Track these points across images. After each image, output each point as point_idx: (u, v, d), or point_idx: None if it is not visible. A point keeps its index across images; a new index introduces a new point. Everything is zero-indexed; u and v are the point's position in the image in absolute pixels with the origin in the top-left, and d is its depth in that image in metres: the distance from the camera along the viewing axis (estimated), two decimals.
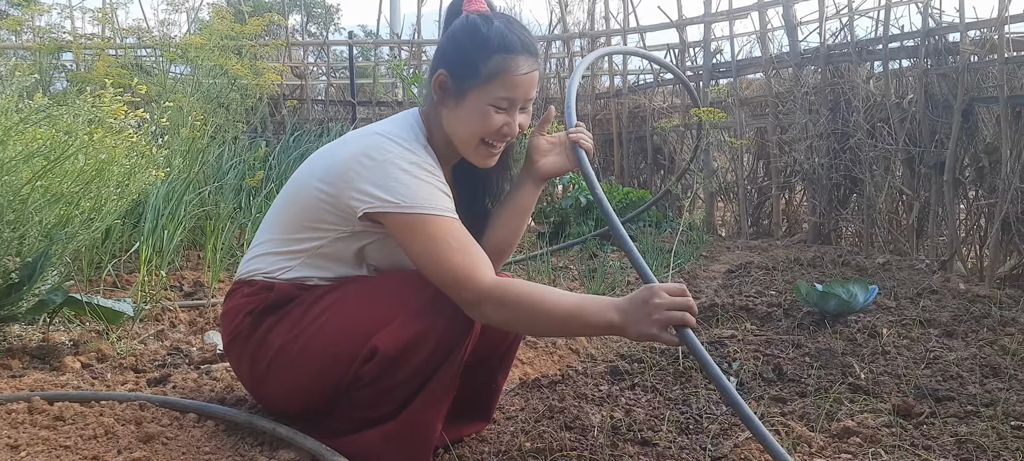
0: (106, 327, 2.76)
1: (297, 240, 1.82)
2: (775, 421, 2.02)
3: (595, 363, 2.70)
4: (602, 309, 1.61)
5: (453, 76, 1.77)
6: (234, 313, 1.86)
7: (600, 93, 8.26)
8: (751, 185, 6.91)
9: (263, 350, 1.81)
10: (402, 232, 1.70)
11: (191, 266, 4.02)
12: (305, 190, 1.82)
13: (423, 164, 1.74)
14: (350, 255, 1.82)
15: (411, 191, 1.68)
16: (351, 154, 1.77)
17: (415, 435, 1.76)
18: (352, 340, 1.72)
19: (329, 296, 1.79)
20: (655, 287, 1.58)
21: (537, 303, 1.64)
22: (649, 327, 1.56)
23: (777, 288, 4.06)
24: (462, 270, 1.66)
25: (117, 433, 1.81)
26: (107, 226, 2.74)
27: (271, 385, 1.85)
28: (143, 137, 2.73)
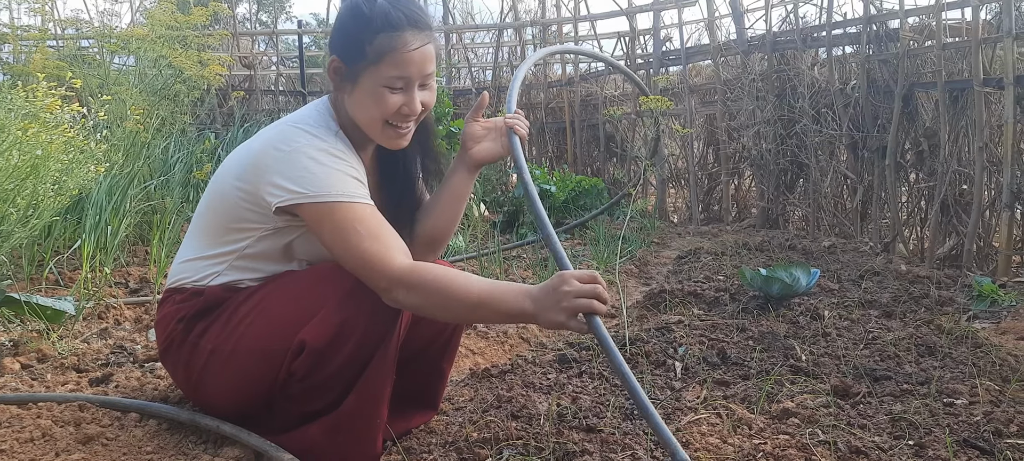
0: (47, 327, 2.70)
1: (223, 243, 1.81)
2: (718, 404, 2.06)
3: (545, 352, 2.73)
4: (515, 296, 1.60)
5: (344, 61, 1.75)
6: (166, 321, 1.85)
7: (553, 81, 8.29)
8: (701, 172, 7.01)
9: (197, 355, 1.80)
10: (314, 222, 1.70)
11: (138, 262, 3.95)
12: (224, 191, 1.80)
13: (332, 150, 1.72)
14: (278, 252, 1.81)
15: (319, 180, 1.67)
16: (261, 148, 1.76)
17: (357, 426, 1.76)
18: (280, 336, 1.72)
19: (256, 295, 1.78)
20: (566, 275, 1.57)
21: (448, 288, 1.63)
22: (558, 314, 1.55)
23: (725, 273, 4.13)
24: (372, 256, 1.65)
25: (55, 435, 1.78)
26: (46, 223, 2.67)
27: (207, 389, 1.84)
28: (81, 132, 2.66)
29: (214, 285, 1.80)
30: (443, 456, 1.81)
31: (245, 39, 8.50)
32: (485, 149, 1.99)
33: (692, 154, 6.95)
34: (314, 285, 1.75)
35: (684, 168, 7.20)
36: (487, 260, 4.44)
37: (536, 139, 8.50)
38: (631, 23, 7.21)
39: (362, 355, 1.71)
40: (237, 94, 7.03)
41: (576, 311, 1.54)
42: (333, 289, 1.71)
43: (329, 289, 1.72)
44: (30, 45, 5.08)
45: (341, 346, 1.69)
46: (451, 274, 1.67)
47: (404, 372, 1.81)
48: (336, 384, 1.73)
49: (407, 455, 1.88)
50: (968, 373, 2.33)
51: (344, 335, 1.68)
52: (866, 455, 1.73)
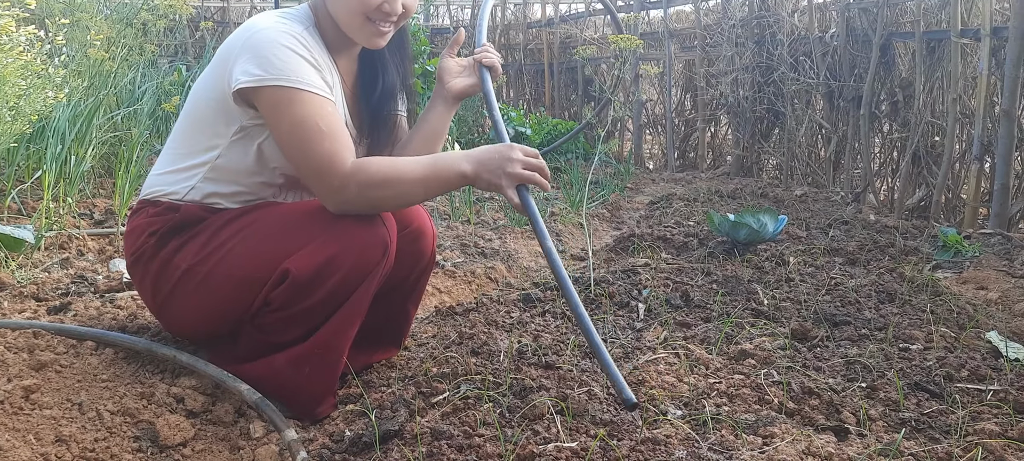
0: (6, 255, 2.66)
1: (194, 154, 1.78)
2: (677, 345, 2.07)
3: (510, 292, 2.73)
4: (454, 162, 1.69)
5: None
6: (138, 232, 1.81)
7: (532, 22, 8.18)
8: (678, 118, 6.98)
9: (168, 272, 1.77)
10: (271, 110, 1.66)
11: (105, 194, 3.89)
12: (195, 97, 1.79)
13: (300, 38, 1.69)
14: (250, 160, 1.77)
15: (281, 62, 1.64)
16: (228, 41, 1.74)
17: (324, 359, 1.75)
18: (263, 264, 1.69)
19: (240, 220, 1.75)
20: (513, 146, 1.69)
21: (395, 175, 1.67)
22: (500, 179, 1.66)
23: (696, 219, 4.15)
24: (328, 157, 1.64)
25: (8, 361, 1.76)
26: (5, 150, 2.61)
27: (175, 308, 1.81)
28: (38, 56, 2.59)
29: (191, 201, 1.77)
30: (401, 389, 1.82)
31: None
32: (462, 83, 2.00)
33: (669, 100, 6.92)
34: (303, 218, 1.73)
35: (661, 115, 7.18)
36: (459, 199, 4.42)
37: (514, 81, 8.42)
38: None
39: (342, 292, 1.70)
40: (206, 24, 6.88)
41: (518, 181, 1.67)
42: (326, 223, 1.69)
43: (319, 223, 1.70)
44: None
45: (324, 281, 1.68)
46: (393, 162, 1.70)
47: (371, 310, 1.81)
48: (310, 318, 1.72)
49: (366, 388, 1.88)
50: (925, 320, 2.36)
51: (331, 269, 1.67)
52: (818, 395, 1.75)
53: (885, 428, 1.64)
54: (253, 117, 1.72)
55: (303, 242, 1.69)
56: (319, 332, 1.74)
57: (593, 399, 1.66)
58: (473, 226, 4.00)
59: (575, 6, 7.88)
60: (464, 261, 3.26)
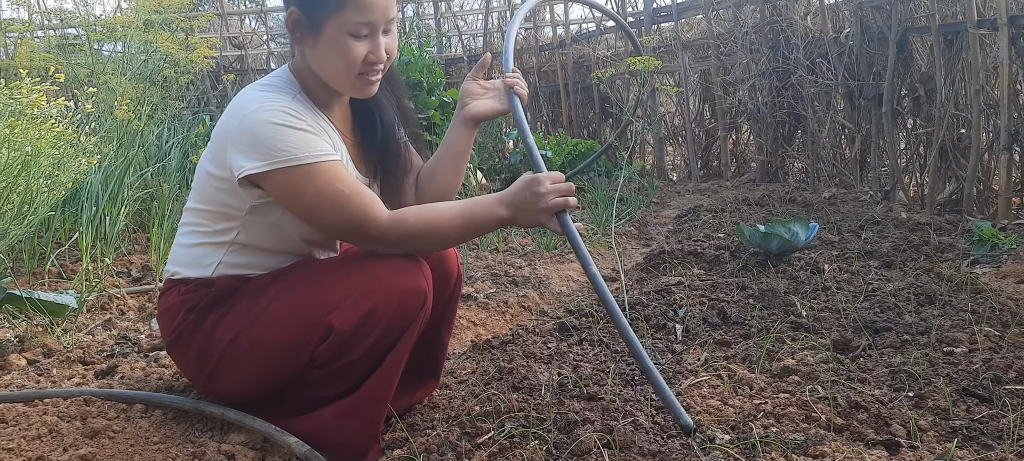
0: (51, 321, 2.72)
1: (213, 233, 1.79)
2: (718, 365, 2.06)
3: (545, 320, 2.74)
4: (490, 207, 1.71)
5: (304, 11, 1.67)
6: (173, 312, 1.81)
7: (544, 44, 8.22)
8: (698, 128, 6.98)
9: (211, 346, 1.77)
10: (285, 189, 1.65)
11: (140, 249, 3.95)
12: (202, 176, 1.79)
13: (288, 110, 1.66)
14: (269, 234, 1.78)
15: (281, 142, 1.62)
16: (221, 124, 1.72)
17: (369, 409, 1.77)
18: (307, 324, 1.70)
19: (278, 283, 1.77)
20: (539, 176, 1.69)
21: (433, 222, 1.71)
22: (539, 216, 1.69)
23: (726, 230, 4.13)
24: (359, 215, 1.66)
25: (62, 431, 1.79)
26: (43, 218, 2.67)
27: (223, 379, 1.81)
28: (69, 125, 2.65)
29: (222, 275, 1.78)
30: (446, 431, 1.82)
31: (235, 18, 8.43)
32: (484, 105, 1.97)
33: (688, 111, 6.92)
34: (342, 271, 1.74)
35: (681, 125, 7.17)
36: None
37: (530, 104, 8.46)
38: None
39: (384, 343, 1.72)
40: (227, 77, 6.99)
41: (556, 210, 1.68)
42: (361, 276, 1.70)
43: (357, 276, 1.71)
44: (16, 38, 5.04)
45: (367, 334, 1.69)
46: (430, 210, 1.72)
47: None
48: (355, 371, 1.73)
49: (411, 431, 1.89)
50: (968, 320, 2.33)
51: (371, 323, 1.68)
52: (866, 409, 1.74)
53: (937, 438, 1.63)
54: (261, 196, 1.71)
55: (343, 296, 1.70)
56: (364, 385, 1.76)
57: (639, 429, 1.66)
58: (502, 254, 4.01)
59: (586, 25, 7.91)
60: (496, 291, 3.27)
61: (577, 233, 1.69)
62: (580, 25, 7.97)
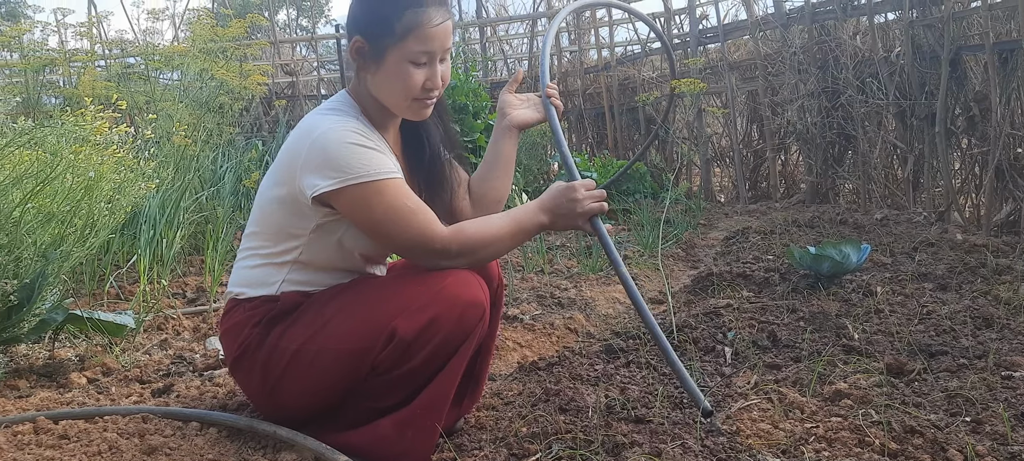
0: (110, 340, 2.80)
1: (275, 253, 1.85)
2: (768, 389, 2.04)
3: (591, 342, 2.73)
4: (532, 215, 1.85)
5: (368, 39, 1.77)
6: (238, 328, 1.86)
7: (589, 67, 8.25)
8: (746, 149, 6.92)
9: (276, 357, 1.82)
10: (357, 204, 1.72)
11: (194, 271, 4.05)
12: (265, 198, 1.85)
13: (357, 131, 1.75)
14: (331, 251, 1.84)
15: (354, 160, 1.70)
16: (289, 148, 1.80)
17: (426, 419, 1.79)
18: (371, 331, 1.74)
19: (342, 295, 1.82)
20: (574, 185, 1.83)
21: (490, 235, 1.81)
22: (575, 219, 1.83)
23: (775, 252, 4.08)
24: (427, 228, 1.75)
25: (121, 447, 1.84)
26: (103, 241, 2.77)
27: (286, 391, 1.85)
28: (130, 151, 2.75)
29: (286, 292, 1.84)
30: (494, 452, 1.83)
31: (286, 46, 8.62)
32: (524, 114, 2.10)
33: (735, 132, 6.87)
34: (405, 282, 1.80)
35: (728, 146, 7.12)
36: (531, 249, 4.46)
37: (575, 126, 8.48)
38: (666, 4, 7.13)
39: (443, 353, 1.76)
40: (279, 103, 7.15)
41: (591, 214, 1.83)
42: (424, 286, 1.75)
43: (421, 286, 1.76)
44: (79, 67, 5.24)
45: (427, 341, 1.73)
46: (484, 223, 1.82)
47: None
48: (412, 380, 1.77)
49: (459, 453, 1.90)
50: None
51: (432, 330, 1.73)
52: (921, 434, 1.70)
53: None
54: (327, 215, 1.78)
55: (407, 303, 1.75)
56: (421, 394, 1.78)
57: (688, 453, 1.65)
58: (547, 276, 4.02)
59: (632, 47, 7.92)
60: (542, 313, 3.27)
61: (607, 233, 1.84)
62: (625, 47, 7.99)
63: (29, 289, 2.45)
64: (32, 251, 2.36)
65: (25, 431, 1.95)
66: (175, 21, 6.97)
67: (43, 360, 2.68)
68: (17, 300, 2.42)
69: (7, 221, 2.26)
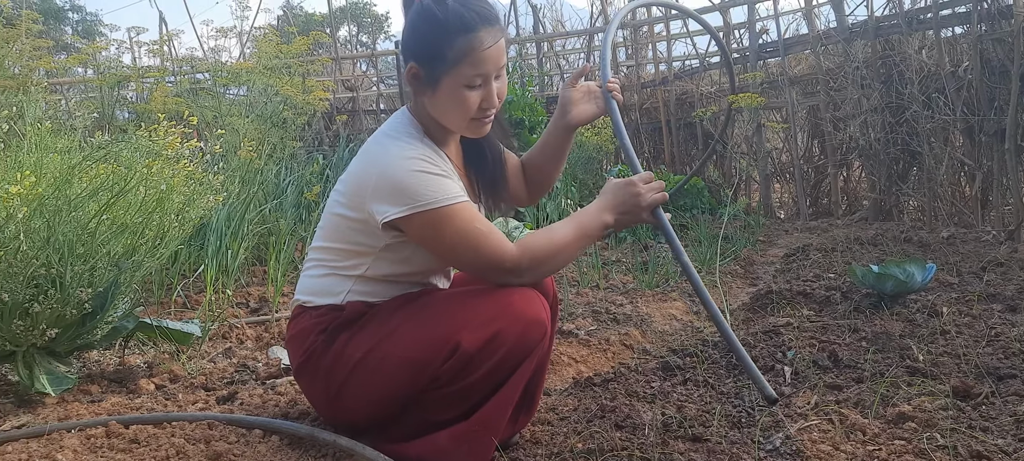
0: (177, 348, 2.89)
1: (342, 267, 1.89)
2: (829, 409, 2.01)
3: (648, 359, 2.72)
4: (595, 217, 1.84)
5: (423, 67, 1.80)
6: (305, 335, 1.91)
7: (646, 82, 8.21)
8: (807, 164, 6.80)
9: (340, 364, 1.86)
10: (427, 229, 1.75)
11: (257, 282, 4.16)
12: (334, 216, 1.89)
13: (422, 157, 1.78)
14: (397, 267, 1.88)
15: (422, 187, 1.73)
16: (358, 175, 1.84)
17: (483, 435, 1.81)
18: (435, 342, 1.77)
19: (407, 306, 1.85)
20: (632, 179, 1.85)
21: (557, 244, 1.81)
22: (640, 213, 1.84)
23: (836, 270, 4.01)
24: (497, 248, 1.77)
25: (188, 452, 1.91)
26: (172, 252, 2.86)
27: (349, 398, 1.89)
28: (199, 165, 2.84)
29: (352, 301, 1.87)
30: None
31: (347, 62, 8.79)
32: (583, 110, 2.11)
33: (796, 147, 6.75)
34: (470, 295, 1.82)
35: (788, 162, 7.01)
36: (586, 264, 4.45)
37: (632, 140, 8.44)
38: (725, 18, 7.08)
39: (504, 368, 1.77)
40: (340, 118, 7.29)
41: (654, 206, 1.84)
42: (489, 301, 1.78)
43: (485, 300, 1.78)
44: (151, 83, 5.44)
45: (490, 355, 1.75)
46: (549, 234, 1.83)
47: None
48: (473, 394, 1.79)
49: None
50: None
51: (495, 345, 1.74)
52: (988, 459, 1.65)
53: None
54: (396, 236, 1.81)
55: (472, 317, 1.77)
56: (480, 410, 1.80)
57: None
58: (602, 291, 4.01)
59: (690, 62, 7.87)
60: (597, 328, 3.27)
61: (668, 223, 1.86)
62: (683, 62, 7.94)
63: (102, 297, 2.55)
64: (106, 261, 2.45)
65: (98, 435, 2.03)
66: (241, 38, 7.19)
67: (114, 366, 2.78)
68: (91, 308, 2.52)
69: (83, 232, 2.35)
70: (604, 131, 6.87)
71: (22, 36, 4.01)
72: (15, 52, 3.85)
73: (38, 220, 2.26)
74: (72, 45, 11.40)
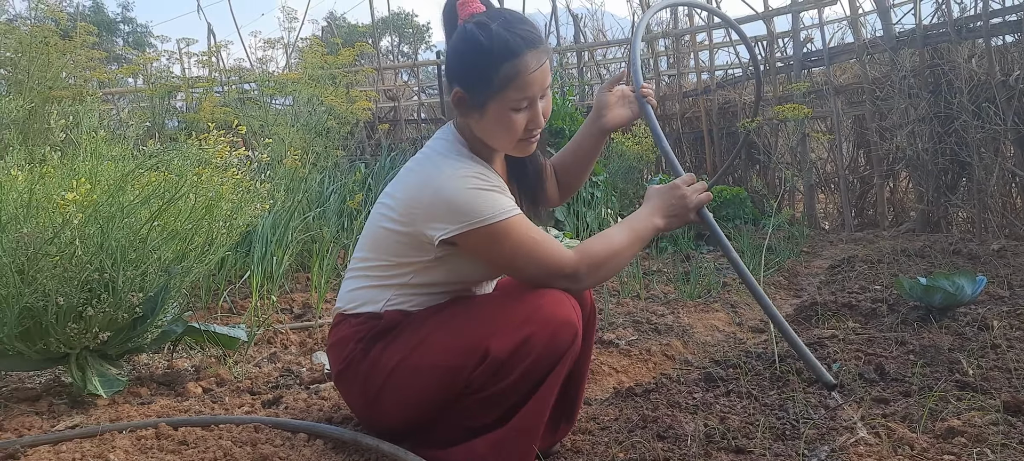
0: (224, 352, 2.95)
1: (385, 277, 1.91)
2: (876, 423, 1.97)
3: (689, 370, 2.70)
4: (647, 220, 1.89)
5: (468, 91, 1.80)
6: (344, 343, 1.94)
7: (688, 91, 8.17)
8: (852, 175, 6.70)
9: (376, 371, 1.88)
10: (484, 244, 1.77)
11: (300, 288, 4.22)
12: (382, 230, 1.90)
13: (475, 174, 1.80)
14: (441, 277, 1.89)
15: (477, 205, 1.74)
16: (407, 191, 1.85)
17: (521, 441, 1.80)
18: (466, 349, 1.78)
19: (440, 314, 1.87)
20: (676, 182, 1.91)
21: (613, 248, 1.84)
22: (687, 213, 1.90)
23: (882, 282, 3.94)
24: (555, 255, 1.79)
25: (235, 455, 1.94)
26: (219, 258, 2.92)
27: (385, 405, 1.91)
28: (246, 173, 2.90)
29: (390, 310, 1.90)
30: None
31: (389, 72, 8.89)
32: (617, 114, 2.16)
33: (841, 157, 6.66)
34: (500, 301, 1.84)
35: (833, 172, 6.91)
36: (627, 274, 4.43)
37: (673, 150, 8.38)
38: (768, 27, 7.01)
39: (536, 373, 1.77)
40: (383, 127, 7.37)
41: (700, 206, 1.91)
42: (519, 306, 1.78)
43: (515, 306, 1.79)
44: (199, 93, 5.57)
45: (520, 361, 1.75)
46: (605, 239, 1.86)
47: None
48: (507, 400, 1.79)
49: None
50: None
51: (525, 350, 1.75)
52: None
53: None
54: (448, 250, 1.82)
55: (502, 323, 1.78)
56: (516, 416, 1.80)
57: None
58: (643, 301, 3.99)
59: (732, 71, 7.81)
60: (638, 338, 3.25)
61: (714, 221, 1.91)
62: (726, 71, 7.88)
63: (153, 302, 2.61)
64: (156, 266, 2.51)
65: (148, 436, 2.08)
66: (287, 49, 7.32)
67: (162, 369, 2.84)
68: (142, 312, 2.58)
69: (135, 238, 2.41)
70: (645, 140, 6.85)
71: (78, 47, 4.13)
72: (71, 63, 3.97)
73: (92, 226, 2.32)
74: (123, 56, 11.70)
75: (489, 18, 1.79)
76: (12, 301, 2.26)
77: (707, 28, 7.72)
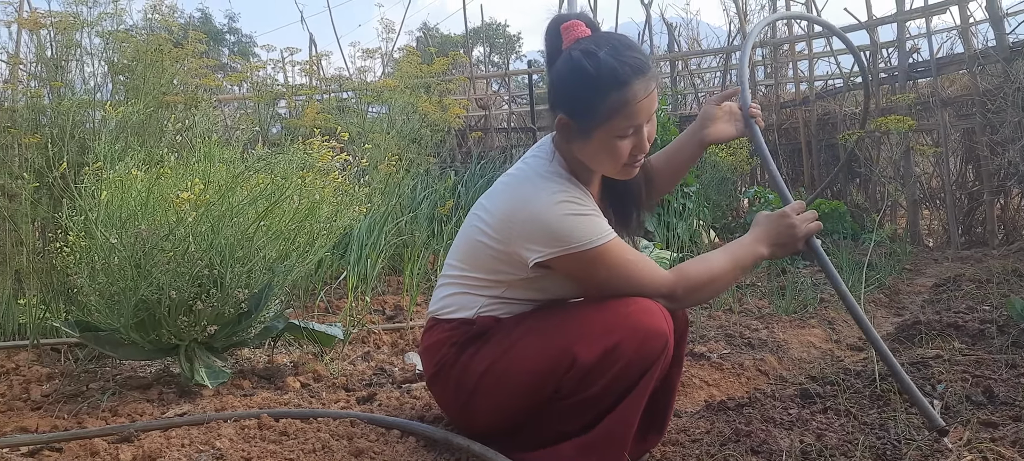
0: (321, 350, 3.05)
1: (479, 286, 1.93)
2: (983, 447, 1.89)
3: (784, 385, 2.64)
4: (749, 248, 1.87)
5: (574, 119, 1.78)
6: (437, 346, 1.98)
7: (785, 102, 7.97)
8: (960, 190, 6.40)
9: (468, 374, 1.91)
10: (579, 267, 1.78)
11: (392, 291, 4.32)
12: (477, 243, 1.91)
13: (572, 198, 1.79)
14: (532, 292, 1.92)
15: (572, 229, 1.75)
16: (504, 208, 1.85)
17: (608, 448, 1.80)
18: (555, 354, 1.80)
19: (528, 320, 1.89)
20: (785, 210, 1.89)
21: (713, 273, 1.84)
22: (795, 243, 1.88)
23: (991, 302, 3.75)
24: (650, 277, 1.80)
25: (332, 447, 2.01)
26: (319, 258, 3.02)
27: (476, 408, 1.94)
28: (347, 177, 3.00)
29: (482, 316, 1.92)
30: None
31: (480, 81, 9.00)
32: (720, 129, 2.12)
33: (948, 172, 6.37)
34: (590, 308, 1.84)
35: (939, 188, 6.62)
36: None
37: None
38: (872, 36, 6.78)
39: (624, 380, 1.77)
40: (475, 135, 7.47)
41: (809, 235, 1.88)
42: (608, 314, 1.79)
43: (604, 313, 1.80)
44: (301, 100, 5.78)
45: (608, 368, 1.76)
46: (704, 261, 1.86)
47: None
48: (594, 407, 1.80)
49: None
50: None
51: (613, 357, 1.75)
52: None
53: None
54: (539, 271, 1.83)
55: (589, 330, 1.78)
56: (603, 423, 1.80)
57: None
58: (736, 315, 3.92)
59: (833, 82, 7.58)
60: (730, 352, 3.20)
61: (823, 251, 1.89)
62: (825, 81, 7.66)
63: (257, 299, 2.73)
64: (261, 264, 2.62)
65: (251, 426, 2.18)
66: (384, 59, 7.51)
67: (263, 364, 2.96)
68: (247, 308, 2.70)
69: (243, 236, 2.52)
70: (739, 151, 6.72)
71: (189, 55, 4.35)
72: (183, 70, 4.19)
73: (204, 224, 2.44)
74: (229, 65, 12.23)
75: (596, 45, 1.75)
76: (129, 293, 2.40)
77: (806, 37, 7.52)
